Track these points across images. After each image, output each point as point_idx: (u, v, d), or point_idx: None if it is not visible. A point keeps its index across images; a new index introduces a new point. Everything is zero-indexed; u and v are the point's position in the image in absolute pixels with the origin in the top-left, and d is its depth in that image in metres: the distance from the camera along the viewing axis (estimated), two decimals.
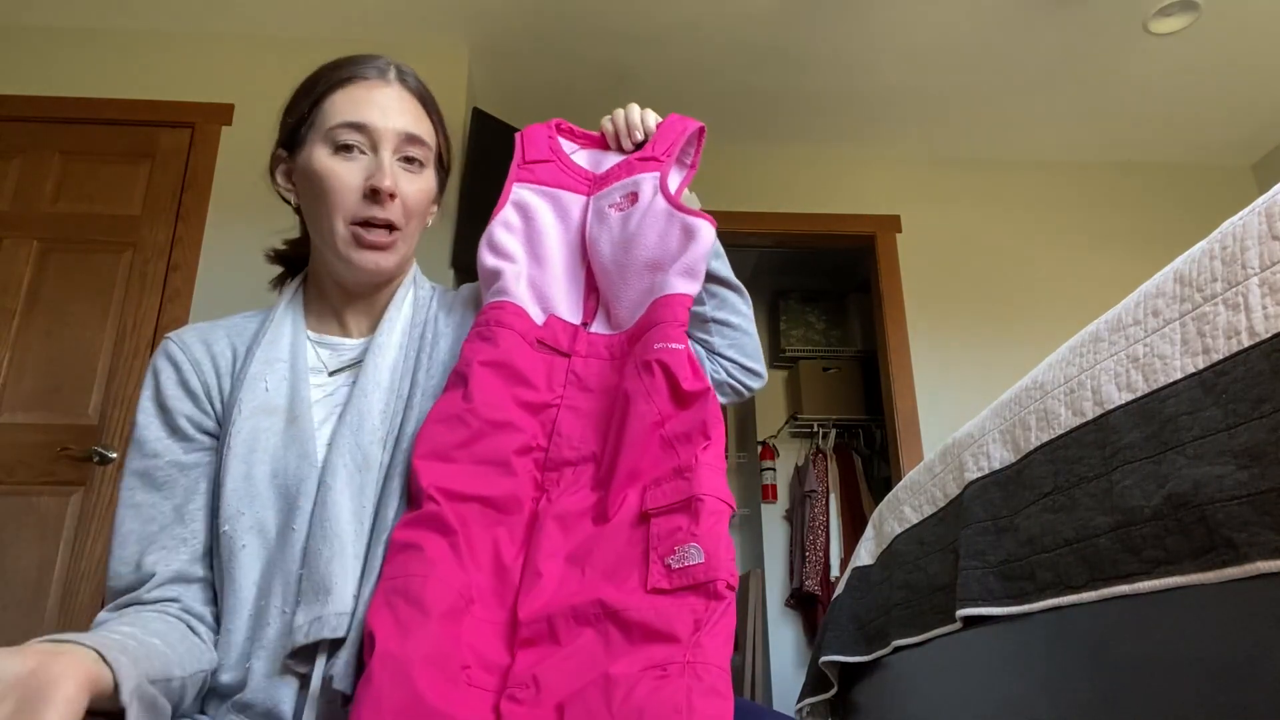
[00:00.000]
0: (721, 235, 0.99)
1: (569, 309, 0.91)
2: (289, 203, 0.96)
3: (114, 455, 2.26)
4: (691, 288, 0.87)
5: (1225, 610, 0.68)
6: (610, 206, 0.92)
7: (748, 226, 3.32)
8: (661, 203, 0.90)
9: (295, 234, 1.01)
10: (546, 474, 0.81)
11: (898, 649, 1.45)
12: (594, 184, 0.96)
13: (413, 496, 0.79)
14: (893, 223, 3.41)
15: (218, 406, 0.86)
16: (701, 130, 0.98)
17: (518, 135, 1.01)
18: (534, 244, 0.93)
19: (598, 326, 0.90)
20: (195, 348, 0.88)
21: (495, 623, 0.73)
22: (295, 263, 1.00)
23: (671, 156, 0.94)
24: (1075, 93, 3.13)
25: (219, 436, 0.84)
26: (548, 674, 0.68)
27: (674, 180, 0.95)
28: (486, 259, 0.92)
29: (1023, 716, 1.01)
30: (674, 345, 0.81)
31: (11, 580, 2.14)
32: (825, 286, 4.48)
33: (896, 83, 3.07)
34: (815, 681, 1.85)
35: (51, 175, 2.53)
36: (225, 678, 0.75)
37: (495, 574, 0.76)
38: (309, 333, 0.92)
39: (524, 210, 0.95)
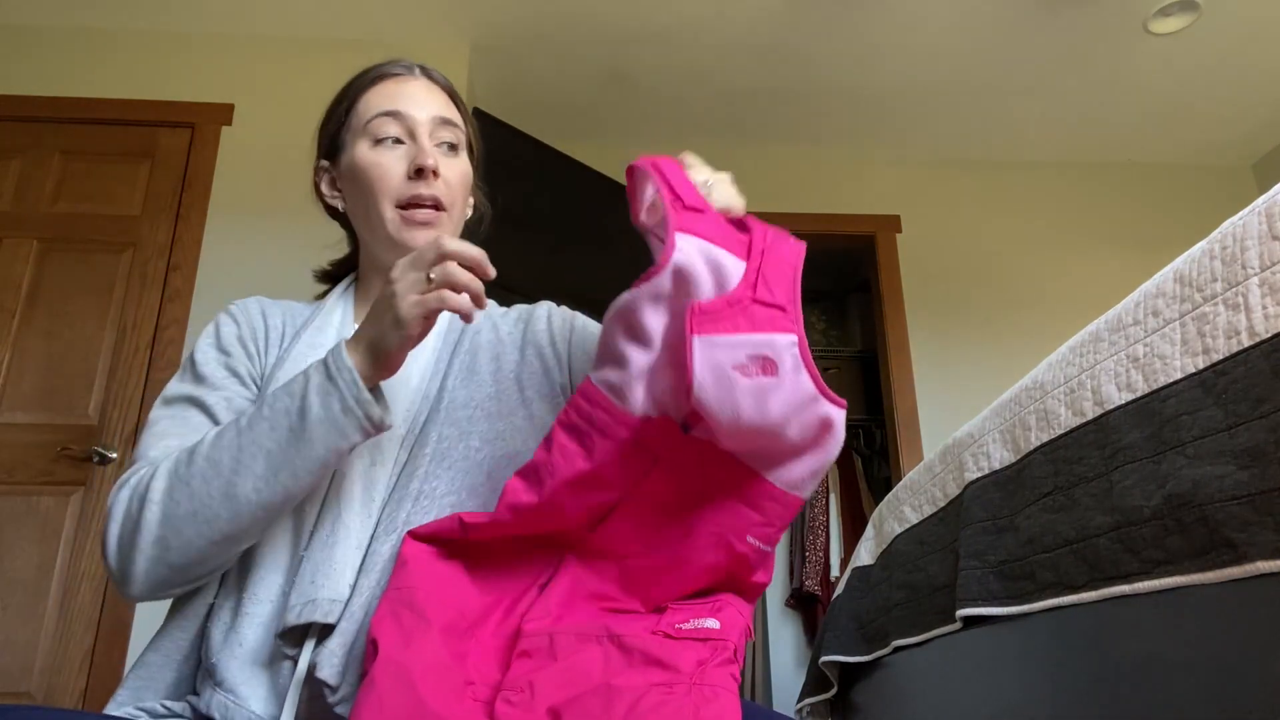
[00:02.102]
0: None
1: (675, 405, 0.72)
2: (335, 214, 0.98)
3: (114, 455, 2.26)
4: (806, 494, 0.74)
5: (1225, 610, 0.68)
6: (735, 368, 0.67)
7: None
8: (808, 384, 0.69)
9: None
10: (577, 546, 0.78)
11: (898, 649, 1.45)
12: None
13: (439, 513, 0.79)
14: (893, 223, 3.41)
15: (261, 369, 0.88)
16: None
17: (650, 165, 0.78)
18: (675, 322, 0.73)
19: (699, 430, 0.73)
20: (255, 315, 0.92)
21: (500, 648, 0.73)
22: (340, 277, 1.02)
23: (798, 309, 0.72)
24: (1075, 93, 3.13)
25: (259, 397, 0.86)
26: (543, 681, 0.68)
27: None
28: (618, 340, 0.74)
29: (1023, 716, 1.01)
30: (765, 548, 0.74)
31: (11, 580, 2.14)
32: (825, 286, 4.48)
33: (896, 83, 3.07)
34: (815, 681, 1.85)
35: (51, 175, 2.53)
36: (217, 656, 0.74)
37: (504, 602, 0.76)
38: (357, 325, 0.93)
39: (683, 279, 0.71)
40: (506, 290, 1.28)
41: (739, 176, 0.88)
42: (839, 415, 0.71)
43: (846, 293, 4.46)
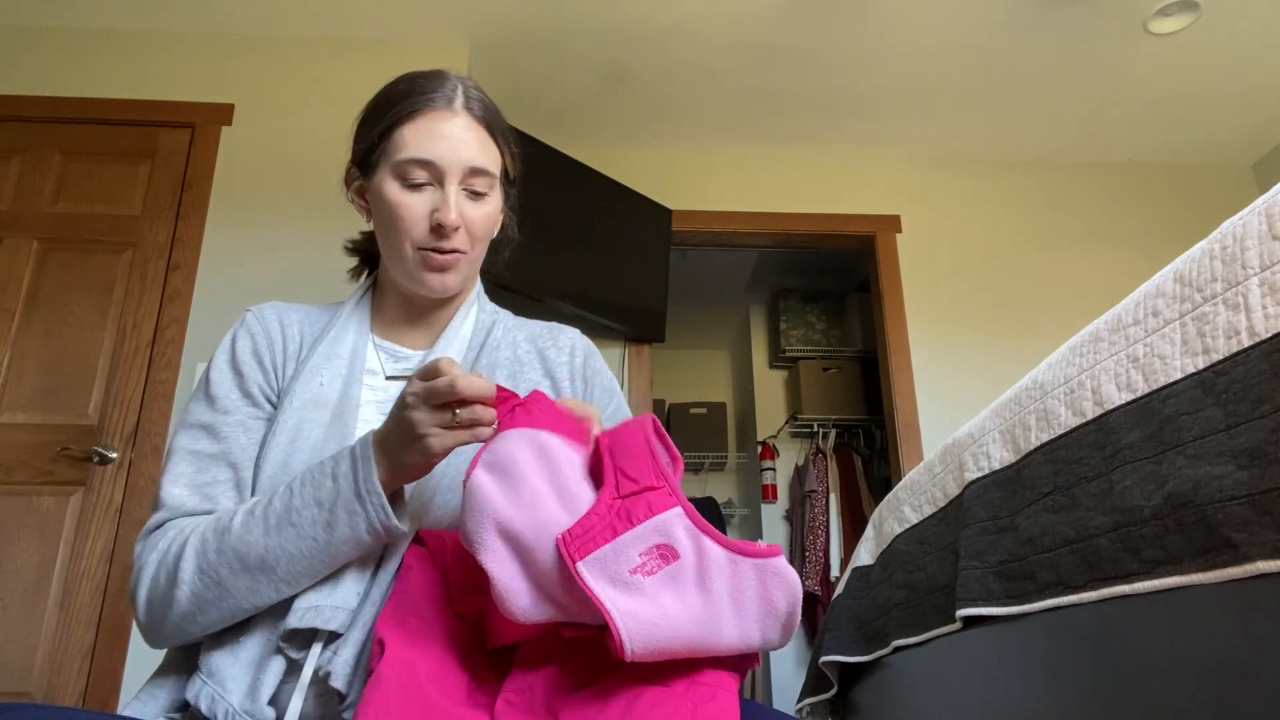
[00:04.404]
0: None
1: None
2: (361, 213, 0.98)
3: (114, 455, 2.26)
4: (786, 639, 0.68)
5: (1225, 610, 0.68)
6: (634, 571, 0.65)
7: (748, 226, 3.32)
8: (714, 549, 0.65)
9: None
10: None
11: (898, 649, 1.45)
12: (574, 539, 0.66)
13: (425, 537, 0.79)
14: (893, 223, 3.41)
15: (278, 384, 0.89)
16: (655, 423, 0.74)
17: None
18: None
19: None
20: (271, 325, 0.93)
21: (501, 653, 0.73)
22: (370, 256, 1.03)
23: (671, 478, 0.70)
24: (1075, 93, 3.13)
25: (273, 413, 0.88)
26: (544, 681, 0.68)
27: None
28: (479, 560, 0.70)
29: (1023, 716, 1.01)
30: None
31: (11, 580, 2.14)
32: (825, 286, 4.48)
33: (896, 83, 3.07)
34: (815, 681, 1.85)
35: (51, 175, 2.53)
36: (213, 648, 0.76)
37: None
38: (373, 336, 0.96)
39: (501, 470, 0.71)
40: (505, 290, 1.28)
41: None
42: (772, 565, 0.65)
43: (846, 293, 4.46)
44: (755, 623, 0.65)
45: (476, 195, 0.90)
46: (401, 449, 0.74)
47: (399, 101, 0.90)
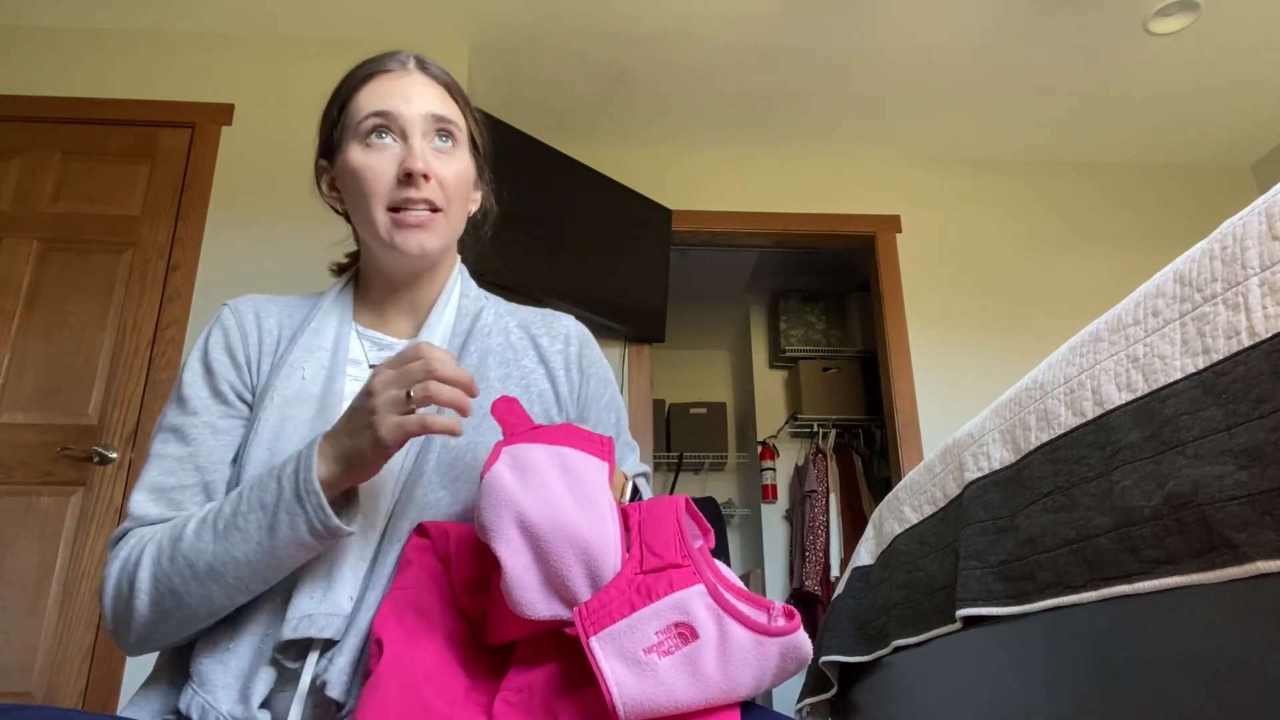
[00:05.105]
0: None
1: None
2: (337, 212, 0.95)
3: (114, 455, 2.26)
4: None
5: (1225, 610, 0.68)
6: (649, 649, 0.62)
7: (748, 226, 3.32)
8: (740, 632, 0.63)
9: (345, 245, 1.00)
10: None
11: (898, 649, 1.45)
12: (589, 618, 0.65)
13: (428, 528, 0.78)
14: (893, 223, 3.41)
15: (255, 380, 0.86)
16: (688, 504, 0.73)
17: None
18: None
19: None
20: (247, 319, 0.89)
21: (501, 651, 0.73)
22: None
23: (698, 557, 0.67)
24: (1075, 93, 3.13)
25: (251, 410, 0.85)
26: (543, 680, 0.68)
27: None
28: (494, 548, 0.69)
29: (1023, 716, 1.01)
30: None
31: (11, 580, 2.14)
32: (825, 286, 4.48)
33: (896, 83, 3.07)
34: (815, 681, 1.85)
35: (51, 175, 2.53)
36: (203, 658, 0.75)
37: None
38: (356, 325, 0.92)
39: (520, 466, 0.72)
40: (505, 289, 1.27)
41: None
42: (793, 641, 0.64)
43: (846, 293, 4.46)
44: (766, 686, 0.65)
45: (444, 151, 0.87)
46: (354, 437, 0.72)
47: (351, 75, 0.90)
